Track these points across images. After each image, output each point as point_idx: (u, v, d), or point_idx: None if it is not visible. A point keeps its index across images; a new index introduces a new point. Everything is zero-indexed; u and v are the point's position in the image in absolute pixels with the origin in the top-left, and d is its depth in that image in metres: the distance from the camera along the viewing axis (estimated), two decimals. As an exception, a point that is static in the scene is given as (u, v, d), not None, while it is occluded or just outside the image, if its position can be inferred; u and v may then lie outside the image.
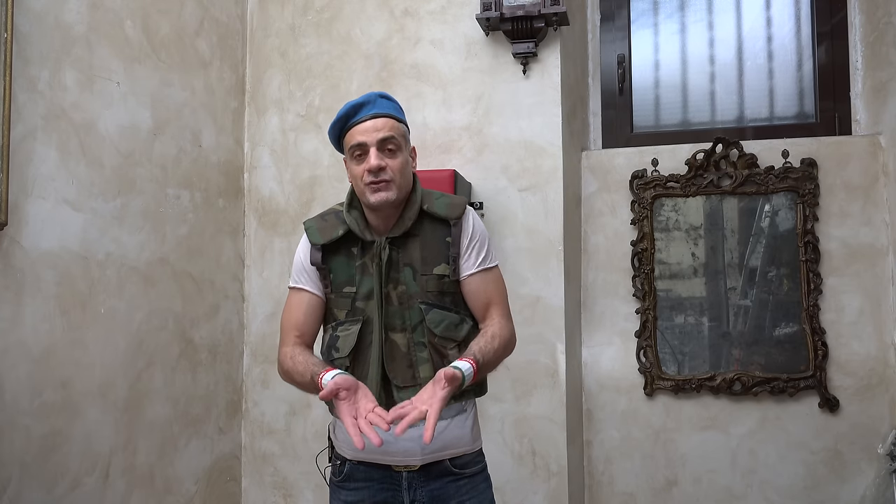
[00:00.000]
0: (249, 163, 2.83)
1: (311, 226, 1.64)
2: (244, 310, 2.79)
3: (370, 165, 1.51)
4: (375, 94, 1.59)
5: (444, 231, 1.59)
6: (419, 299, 1.56)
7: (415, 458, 1.55)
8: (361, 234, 1.58)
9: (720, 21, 2.93)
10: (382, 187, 1.52)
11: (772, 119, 2.86)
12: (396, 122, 1.57)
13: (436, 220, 1.59)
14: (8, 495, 1.77)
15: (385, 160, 1.53)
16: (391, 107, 1.58)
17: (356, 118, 1.55)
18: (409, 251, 1.58)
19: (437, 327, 1.54)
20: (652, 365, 2.65)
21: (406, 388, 1.52)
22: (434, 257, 1.58)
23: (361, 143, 1.53)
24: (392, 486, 1.57)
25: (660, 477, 2.64)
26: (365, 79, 2.71)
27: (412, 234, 1.58)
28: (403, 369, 1.54)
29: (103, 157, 2.10)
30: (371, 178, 1.52)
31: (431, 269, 1.57)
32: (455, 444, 1.57)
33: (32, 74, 1.87)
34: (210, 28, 2.61)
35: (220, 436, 2.62)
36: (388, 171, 1.53)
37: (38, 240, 1.88)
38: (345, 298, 1.59)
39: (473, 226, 1.61)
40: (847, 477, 2.50)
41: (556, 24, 2.46)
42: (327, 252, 1.61)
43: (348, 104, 1.57)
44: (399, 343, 1.55)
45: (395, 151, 1.55)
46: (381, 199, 1.53)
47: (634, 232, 2.71)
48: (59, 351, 1.93)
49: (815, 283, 2.54)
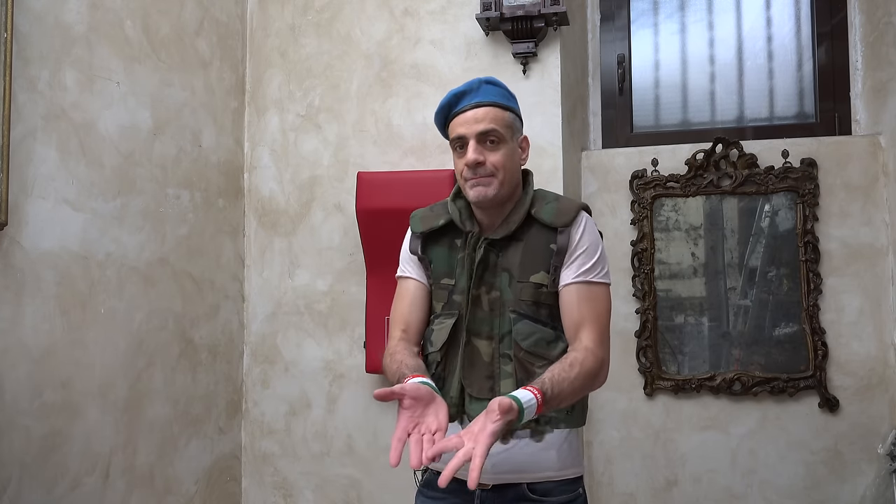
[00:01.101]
0: (249, 163, 2.83)
1: (415, 214, 1.58)
2: (244, 310, 2.79)
3: (468, 159, 1.43)
4: (480, 81, 1.48)
5: (550, 237, 1.46)
6: (511, 307, 1.44)
7: (486, 476, 1.40)
8: (462, 224, 1.50)
9: (720, 21, 2.93)
10: (482, 182, 1.44)
11: (772, 119, 2.86)
12: (501, 112, 1.46)
13: (543, 226, 1.47)
14: (8, 495, 1.77)
15: (485, 154, 1.43)
16: (496, 93, 1.48)
17: (458, 107, 1.47)
18: (509, 256, 1.47)
19: (525, 340, 1.42)
20: (652, 365, 2.65)
21: (482, 400, 1.38)
22: (534, 264, 1.45)
23: (461, 135, 1.45)
24: (466, 502, 1.46)
25: (660, 477, 2.64)
26: (365, 79, 2.71)
27: (516, 239, 1.47)
28: (481, 379, 1.43)
29: (103, 157, 2.10)
30: (470, 173, 1.44)
31: (529, 277, 1.45)
32: (533, 469, 1.43)
33: (32, 74, 1.87)
34: (210, 28, 2.61)
35: (220, 436, 2.62)
36: (489, 165, 1.43)
37: (38, 240, 1.88)
38: (442, 290, 1.51)
39: (583, 234, 1.46)
40: (847, 477, 2.50)
41: (556, 24, 2.47)
42: (429, 242, 1.54)
43: (450, 92, 1.48)
44: (482, 351, 1.44)
45: (497, 143, 1.45)
46: (479, 194, 1.44)
47: (634, 232, 2.71)
48: (59, 351, 1.93)
49: (815, 283, 2.55)
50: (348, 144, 2.71)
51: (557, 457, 1.45)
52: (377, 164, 2.66)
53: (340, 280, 2.69)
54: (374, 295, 2.54)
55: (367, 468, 2.64)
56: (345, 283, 2.68)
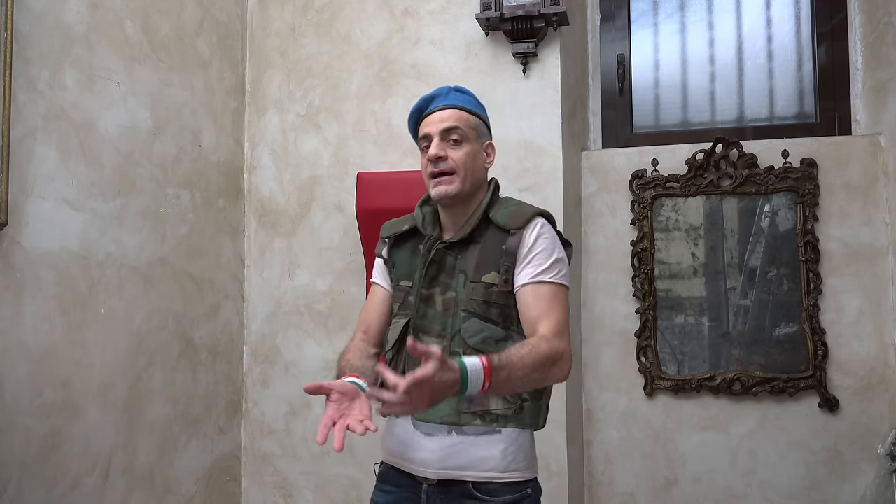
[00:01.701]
0: (249, 163, 2.83)
1: (387, 222, 1.65)
2: (244, 310, 2.79)
3: (429, 154, 1.49)
4: (448, 88, 1.56)
5: (503, 239, 1.50)
6: (463, 307, 1.47)
7: (430, 471, 1.46)
8: (423, 228, 1.55)
9: (720, 21, 2.93)
10: (444, 181, 1.48)
11: (772, 119, 2.86)
12: (466, 114, 1.53)
13: (499, 228, 1.51)
14: (8, 495, 1.77)
15: (447, 150, 1.49)
16: (464, 99, 1.54)
17: (427, 110, 1.53)
18: (467, 257, 1.50)
19: (473, 338, 1.44)
20: (652, 365, 2.65)
21: None
22: (487, 265, 1.49)
23: (426, 133, 1.52)
24: (413, 497, 1.50)
25: (660, 477, 2.64)
26: (365, 79, 2.71)
27: (473, 241, 1.51)
28: None
29: (103, 157, 2.10)
30: (432, 167, 1.49)
31: (481, 277, 1.48)
32: (477, 466, 1.44)
33: (32, 74, 1.87)
34: (210, 28, 2.61)
35: (220, 436, 2.62)
36: (450, 161, 1.49)
37: (38, 240, 1.88)
38: (399, 292, 1.57)
39: (538, 237, 1.48)
40: (847, 477, 2.50)
41: (556, 24, 2.46)
42: (395, 247, 1.60)
43: (422, 97, 1.55)
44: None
45: (460, 142, 1.50)
46: (440, 192, 1.49)
47: (634, 232, 2.71)
48: (59, 351, 1.93)
49: (815, 283, 2.54)
50: (348, 144, 2.71)
51: (503, 457, 1.45)
52: (377, 164, 2.66)
53: (340, 280, 2.69)
54: (374, 295, 2.53)
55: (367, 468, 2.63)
56: (345, 283, 2.68)
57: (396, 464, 1.54)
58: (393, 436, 1.54)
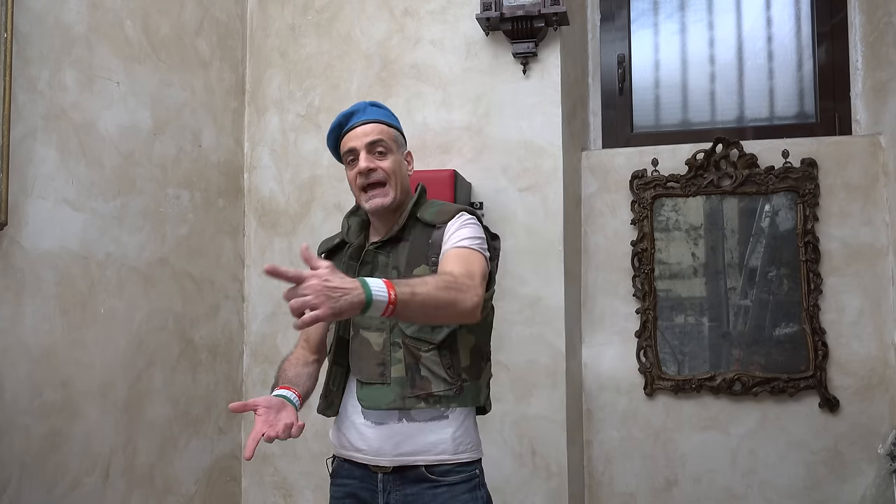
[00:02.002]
0: (249, 163, 2.83)
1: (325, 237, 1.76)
2: (244, 310, 2.79)
3: (360, 167, 1.56)
4: (365, 103, 1.63)
5: (430, 234, 1.59)
6: None
7: (384, 459, 1.54)
8: (347, 237, 1.65)
9: (720, 21, 2.93)
10: (378, 193, 1.57)
11: (772, 119, 2.86)
12: (387, 127, 1.61)
13: (426, 225, 1.60)
14: (8, 495, 1.77)
15: (375, 162, 1.57)
16: (381, 113, 1.63)
17: (348, 126, 1.61)
18: (397, 255, 1.59)
19: (409, 328, 1.53)
20: (652, 365, 2.65)
21: (371, 385, 1.53)
22: (417, 259, 1.58)
23: (352, 148, 1.59)
24: (370, 487, 1.57)
25: (660, 477, 2.64)
26: (365, 79, 2.71)
27: (402, 239, 1.60)
28: (371, 366, 1.54)
29: (103, 157, 2.10)
30: (363, 180, 1.57)
31: (412, 271, 1.56)
32: (429, 450, 1.53)
33: (32, 74, 1.87)
34: (210, 28, 2.61)
35: (220, 436, 2.62)
36: (380, 171, 1.57)
37: (38, 240, 1.88)
38: None
39: (461, 227, 1.56)
40: (847, 477, 2.50)
41: (556, 24, 2.46)
42: (330, 258, 1.67)
43: (340, 114, 1.62)
44: (373, 342, 1.55)
45: (385, 153, 1.59)
46: (376, 205, 1.57)
47: (634, 232, 2.71)
48: (59, 351, 1.93)
49: (815, 283, 2.54)
50: (348, 144, 2.71)
51: (452, 439, 1.54)
52: (377, 164, 2.66)
53: (340, 280, 2.69)
54: (374, 295, 2.54)
55: (367, 468, 2.64)
56: (345, 283, 2.68)
57: (349, 456, 1.60)
58: (342, 430, 1.61)
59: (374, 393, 1.52)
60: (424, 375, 1.51)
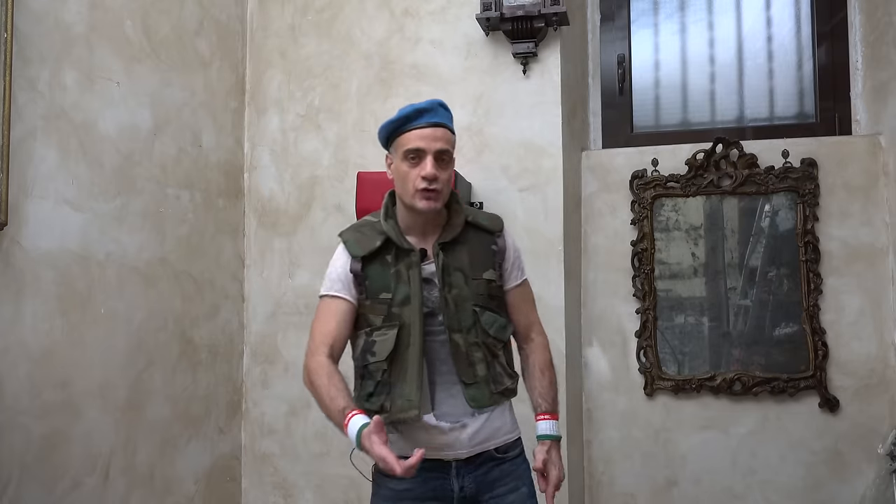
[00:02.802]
0: (249, 163, 2.83)
1: (348, 239, 1.68)
2: (244, 310, 2.79)
3: (427, 173, 1.57)
4: (436, 103, 1.63)
5: (488, 240, 1.69)
6: (472, 302, 1.63)
7: (462, 452, 1.63)
8: (399, 242, 1.63)
9: (720, 21, 2.93)
10: (432, 197, 1.59)
11: (772, 119, 2.86)
12: (451, 134, 1.64)
13: (479, 230, 1.69)
14: (8, 495, 1.77)
15: (440, 171, 1.59)
16: (448, 118, 1.65)
17: (416, 122, 1.60)
18: (457, 256, 1.65)
19: (491, 328, 1.64)
20: (652, 365, 2.65)
21: (472, 385, 1.61)
22: (482, 263, 1.67)
23: (420, 148, 1.58)
24: (442, 475, 1.64)
25: (660, 477, 2.64)
26: (365, 79, 2.71)
27: (459, 241, 1.66)
28: (465, 368, 1.62)
29: (103, 157, 2.10)
30: (424, 184, 1.58)
31: (481, 274, 1.65)
32: (496, 436, 1.66)
33: (32, 74, 1.87)
34: (210, 28, 2.61)
35: (220, 436, 2.62)
36: (440, 181, 1.59)
37: (38, 240, 1.88)
38: (381, 304, 1.62)
39: (513, 242, 1.75)
40: (847, 477, 2.50)
41: (556, 24, 2.46)
42: (365, 261, 1.65)
43: (412, 107, 1.60)
44: (460, 343, 1.62)
45: (447, 163, 1.62)
46: (430, 206, 1.60)
47: (634, 232, 2.71)
48: (59, 351, 1.93)
49: (815, 283, 2.54)
50: (348, 144, 2.71)
51: (510, 421, 1.72)
52: (377, 164, 2.65)
53: (340, 280, 2.69)
54: (374, 295, 2.54)
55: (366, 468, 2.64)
56: (345, 283, 2.68)
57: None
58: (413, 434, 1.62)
59: (475, 393, 1.61)
60: (499, 372, 1.65)
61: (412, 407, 1.57)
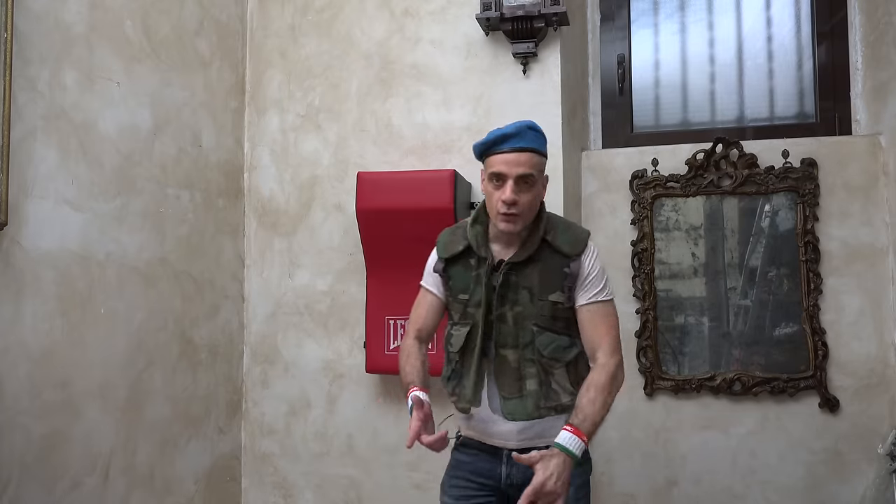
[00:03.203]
0: (249, 163, 2.83)
1: (441, 239, 1.82)
2: (244, 310, 2.79)
3: (506, 197, 1.64)
4: (525, 126, 1.66)
5: (564, 262, 1.72)
6: (533, 321, 1.70)
7: (511, 443, 1.73)
8: (478, 250, 1.74)
9: (720, 21, 2.93)
10: (511, 220, 1.66)
11: (772, 119, 2.86)
12: (538, 157, 1.67)
13: (556, 251, 1.72)
14: (8, 495, 1.77)
15: (519, 195, 1.64)
16: (535, 139, 1.67)
17: (501, 147, 1.66)
18: (527, 275, 1.71)
19: (547, 348, 1.70)
20: (652, 365, 2.65)
21: (511, 399, 1.70)
22: (552, 285, 1.71)
23: (501, 173, 1.65)
24: (494, 459, 1.76)
25: (660, 477, 2.64)
26: (365, 79, 2.71)
27: (532, 260, 1.71)
28: (511, 382, 1.71)
29: (103, 157, 2.10)
30: (504, 207, 1.65)
31: (548, 296, 1.70)
32: (548, 434, 1.67)
33: (32, 74, 1.87)
34: (210, 28, 2.61)
35: (220, 436, 2.62)
36: (519, 205, 1.64)
37: (38, 240, 1.88)
38: (459, 303, 1.77)
39: (592, 263, 1.74)
40: (847, 477, 2.50)
41: (556, 24, 2.46)
42: (448, 262, 1.79)
43: (498, 132, 1.66)
44: (510, 359, 1.71)
45: (530, 186, 1.66)
46: (508, 229, 1.68)
47: (634, 232, 2.71)
48: (59, 351, 1.93)
49: (815, 283, 2.54)
50: (348, 144, 2.71)
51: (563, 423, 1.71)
52: (377, 164, 2.66)
53: (340, 280, 2.69)
54: (374, 295, 2.54)
55: (366, 468, 2.64)
56: (345, 283, 2.68)
57: (479, 438, 1.79)
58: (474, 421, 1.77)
59: (515, 406, 1.69)
60: (555, 389, 1.70)
61: (466, 401, 1.73)
